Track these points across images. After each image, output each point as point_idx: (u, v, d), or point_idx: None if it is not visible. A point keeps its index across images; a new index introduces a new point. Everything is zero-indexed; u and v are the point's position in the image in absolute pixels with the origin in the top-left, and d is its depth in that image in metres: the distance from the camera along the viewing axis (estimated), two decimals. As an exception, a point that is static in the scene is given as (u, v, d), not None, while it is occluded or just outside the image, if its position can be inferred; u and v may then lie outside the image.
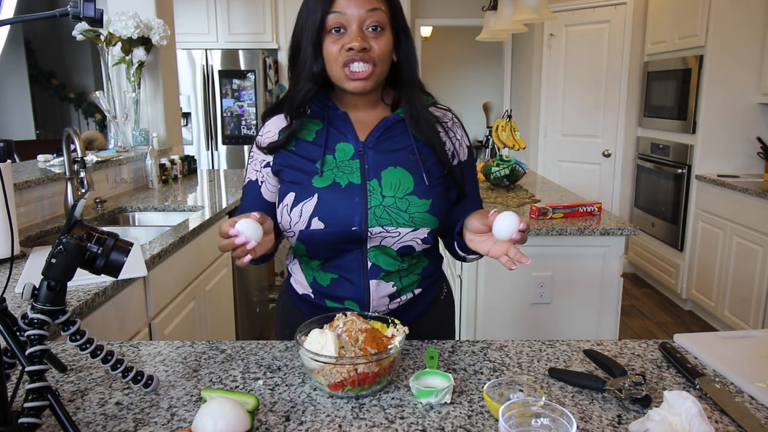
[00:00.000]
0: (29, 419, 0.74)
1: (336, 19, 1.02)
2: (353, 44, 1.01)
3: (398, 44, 1.08)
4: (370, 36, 1.03)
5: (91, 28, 2.93)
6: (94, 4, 0.78)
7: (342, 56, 1.03)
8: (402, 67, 1.10)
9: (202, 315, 2.26)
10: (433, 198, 1.09)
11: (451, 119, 1.18)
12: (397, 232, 1.07)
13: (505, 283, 2.23)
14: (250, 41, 5.06)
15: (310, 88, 1.07)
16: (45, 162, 2.60)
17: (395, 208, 1.06)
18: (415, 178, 1.08)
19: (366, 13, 1.01)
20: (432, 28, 6.87)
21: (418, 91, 1.11)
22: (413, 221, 1.07)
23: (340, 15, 1.01)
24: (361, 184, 1.07)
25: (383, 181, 1.07)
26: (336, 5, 1.01)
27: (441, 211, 1.11)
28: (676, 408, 0.76)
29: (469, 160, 1.19)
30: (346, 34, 1.02)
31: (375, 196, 1.07)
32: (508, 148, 3.30)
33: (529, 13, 3.03)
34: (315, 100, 1.11)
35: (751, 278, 3.16)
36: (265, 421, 0.84)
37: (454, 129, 1.17)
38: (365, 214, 1.06)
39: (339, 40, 1.02)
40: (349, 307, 1.13)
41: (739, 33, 3.51)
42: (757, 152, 3.58)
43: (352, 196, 1.06)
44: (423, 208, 1.07)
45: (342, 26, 1.02)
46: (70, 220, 0.83)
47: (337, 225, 1.06)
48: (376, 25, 1.03)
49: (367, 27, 1.02)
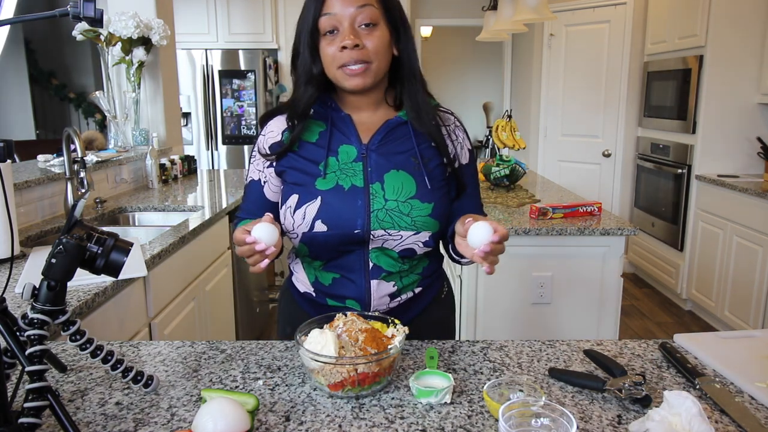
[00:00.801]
0: (29, 419, 0.74)
1: (328, 21, 1.02)
2: (345, 42, 1.01)
3: (397, 39, 1.08)
4: (363, 33, 1.03)
5: (91, 28, 2.93)
6: (94, 4, 0.78)
7: (338, 58, 1.03)
8: (402, 62, 1.10)
9: (202, 315, 2.26)
10: (435, 202, 1.09)
11: (453, 122, 1.18)
12: (399, 235, 1.08)
13: (505, 283, 2.23)
14: (250, 41, 5.06)
15: (312, 93, 1.08)
16: (45, 162, 2.60)
17: (398, 211, 1.07)
18: (417, 182, 1.09)
19: (356, 10, 1.01)
20: (432, 28, 6.87)
21: (420, 86, 1.11)
22: (415, 225, 1.07)
23: (331, 16, 1.02)
24: (364, 187, 1.08)
25: (386, 184, 1.08)
26: (326, 6, 1.02)
27: (443, 214, 1.11)
28: (676, 408, 0.76)
29: (470, 164, 1.20)
30: (339, 33, 1.03)
31: (378, 199, 1.07)
32: (508, 148, 3.29)
33: (529, 13, 3.03)
34: (317, 101, 1.11)
35: (751, 278, 3.16)
36: (265, 421, 0.84)
37: (456, 132, 1.17)
38: (368, 217, 1.06)
39: (333, 41, 1.03)
40: (350, 306, 1.14)
41: (739, 33, 3.51)
42: (757, 152, 3.58)
43: (355, 199, 1.07)
44: (425, 212, 1.08)
45: (335, 27, 1.03)
46: (70, 220, 0.83)
47: (340, 228, 1.06)
48: (368, 22, 1.03)
49: (359, 24, 1.03)
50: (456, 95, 7.39)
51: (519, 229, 2.14)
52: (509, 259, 2.21)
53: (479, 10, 4.05)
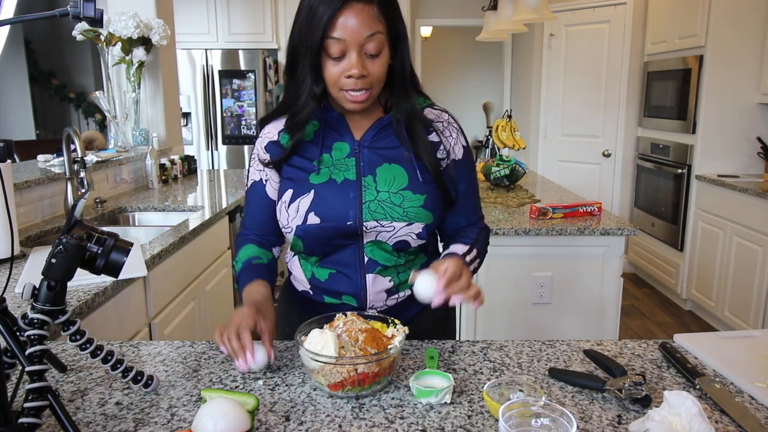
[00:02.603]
0: (29, 419, 0.74)
1: (336, 46, 1.00)
2: (353, 71, 1.00)
3: (394, 52, 1.08)
4: (369, 61, 1.02)
5: (91, 28, 2.93)
6: (94, 4, 0.78)
7: (342, 82, 1.03)
8: (395, 70, 1.09)
9: (202, 315, 2.26)
10: (427, 194, 1.10)
11: (446, 120, 1.18)
12: (392, 227, 1.09)
13: (505, 283, 2.23)
14: (250, 41, 5.05)
15: (313, 107, 1.08)
16: (45, 162, 2.60)
17: (389, 202, 1.09)
18: (409, 174, 1.11)
19: (365, 38, 0.99)
20: (432, 28, 6.87)
21: (410, 95, 1.11)
22: (407, 215, 1.09)
23: (340, 41, 0.99)
24: (356, 180, 1.10)
25: (378, 177, 1.10)
26: (335, 30, 0.98)
27: (435, 206, 1.12)
28: (676, 408, 0.76)
29: (464, 161, 1.19)
30: (346, 59, 1.01)
31: (370, 191, 1.09)
32: (508, 148, 3.30)
33: (529, 13, 3.03)
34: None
35: (751, 278, 3.16)
36: (265, 421, 0.84)
37: (449, 129, 1.17)
38: (360, 208, 1.08)
39: (338, 64, 1.02)
40: (347, 302, 1.14)
41: (739, 33, 3.51)
42: (757, 152, 3.58)
43: (347, 192, 1.09)
44: (417, 203, 1.09)
45: (342, 52, 1.00)
46: (70, 220, 0.83)
47: (333, 219, 1.08)
48: (375, 53, 1.02)
49: (367, 53, 1.01)
50: (456, 95, 7.39)
51: (519, 229, 2.14)
52: (509, 259, 2.21)
53: (479, 10, 4.05)
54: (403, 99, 1.10)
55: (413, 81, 1.13)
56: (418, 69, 5.81)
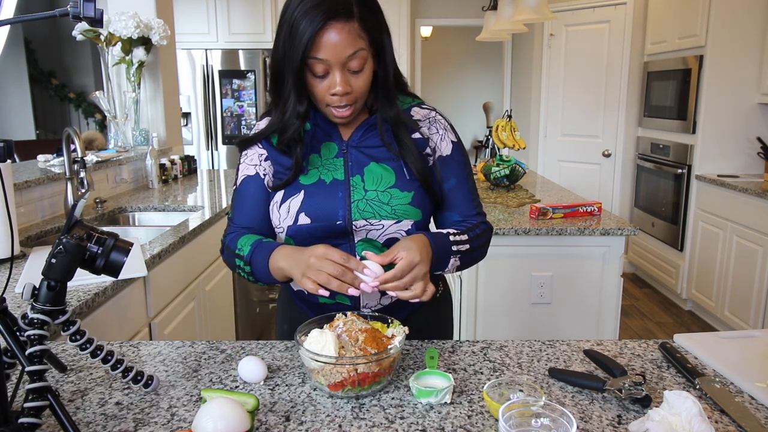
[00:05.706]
0: (29, 419, 0.74)
1: (319, 66, 1.00)
2: (336, 89, 1.02)
3: (378, 60, 1.08)
4: (352, 77, 1.03)
5: (91, 28, 2.93)
6: (94, 4, 0.78)
7: (326, 99, 1.04)
8: (378, 77, 1.10)
9: (202, 315, 2.26)
10: (414, 191, 1.11)
11: (433, 117, 1.18)
12: (381, 225, 1.10)
13: (505, 283, 2.23)
14: (250, 41, 5.05)
15: (299, 126, 1.09)
16: (45, 162, 2.60)
17: (377, 201, 1.10)
18: (396, 173, 1.12)
19: (347, 57, 1.00)
20: (432, 28, 6.87)
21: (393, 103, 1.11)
22: (396, 213, 1.10)
23: (322, 61, 0.99)
24: (344, 180, 1.11)
25: (366, 176, 1.11)
26: (317, 50, 0.98)
27: (424, 203, 1.12)
28: (676, 408, 0.76)
29: (454, 156, 1.18)
30: (329, 77, 1.02)
31: (358, 190, 1.10)
32: (508, 148, 3.29)
33: (529, 13, 3.03)
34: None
35: (751, 278, 3.16)
36: (265, 421, 0.84)
37: (435, 126, 1.17)
38: (348, 208, 1.10)
39: (322, 82, 1.03)
40: (341, 302, 1.14)
41: (739, 33, 3.51)
42: (757, 152, 3.58)
43: (336, 191, 1.10)
44: (405, 200, 1.10)
45: (325, 71, 1.01)
46: (70, 220, 0.83)
47: (323, 219, 1.09)
48: (358, 69, 1.02)
49: (350, 69, 1.02)
50: (456, 95, 7.40)
51: (519, 229, 2.14)
52: (509, 259, 2.21)
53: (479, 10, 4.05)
54: (386, 107, 1.11)
55: (398, 84, 1.14)
56: (418, 69, 5.81)
